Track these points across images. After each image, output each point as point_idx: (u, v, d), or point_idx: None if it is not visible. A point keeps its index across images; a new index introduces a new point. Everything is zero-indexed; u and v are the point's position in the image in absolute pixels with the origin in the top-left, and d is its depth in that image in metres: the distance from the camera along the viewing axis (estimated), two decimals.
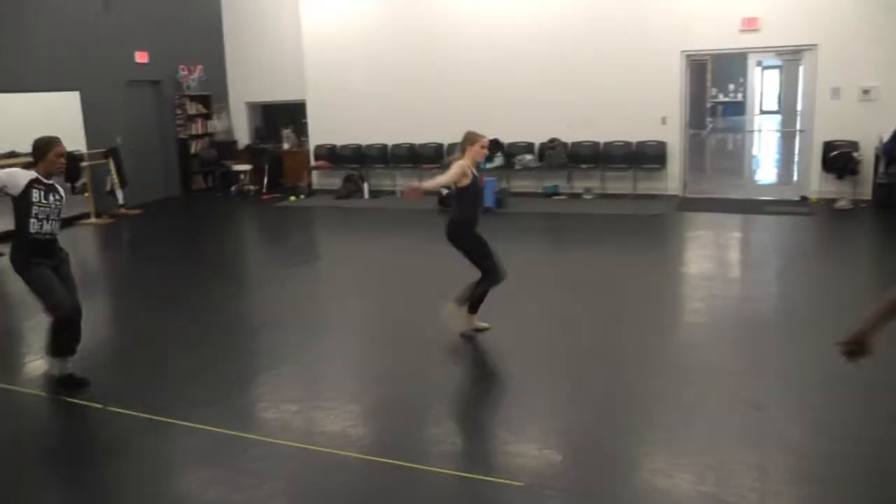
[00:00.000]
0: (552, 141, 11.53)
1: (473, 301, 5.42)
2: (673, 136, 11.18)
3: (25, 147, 10.51)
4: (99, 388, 4.84)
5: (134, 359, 5.56)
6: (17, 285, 8.25)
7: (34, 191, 4.65)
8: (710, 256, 8.33)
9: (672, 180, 11.32)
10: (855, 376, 4.25)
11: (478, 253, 5.36)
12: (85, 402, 4.66)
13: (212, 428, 4.18)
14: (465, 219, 5.41)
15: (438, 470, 3.60)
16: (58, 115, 10.98)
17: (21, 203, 4.65)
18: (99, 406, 4.59)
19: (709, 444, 3.52)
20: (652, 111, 11.06)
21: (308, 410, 4.43)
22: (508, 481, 3.40)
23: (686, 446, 3.77)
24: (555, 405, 4.42)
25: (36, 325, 6.72)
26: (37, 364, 5.70)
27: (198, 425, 4.22)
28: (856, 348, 2.69)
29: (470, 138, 5.40)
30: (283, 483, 3.60)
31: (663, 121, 11.08)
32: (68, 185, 10.99)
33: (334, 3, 12.78)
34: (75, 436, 4.38)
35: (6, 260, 5.02)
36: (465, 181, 5.30)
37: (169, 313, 6.58)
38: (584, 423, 4.14)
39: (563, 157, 11.46)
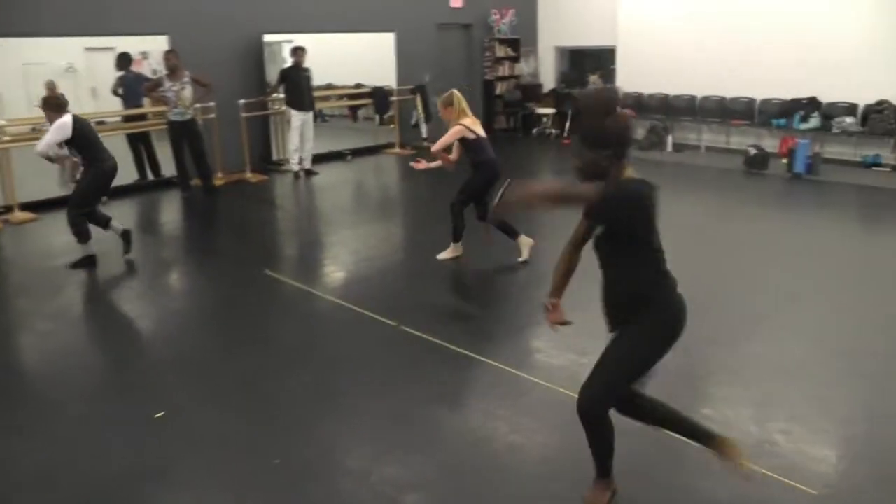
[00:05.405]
0: (880, 103, 10.16)
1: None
2: None
3: (342, 81, 11.71)
4: (393, 306, 5.32)
5: (427, 283, 5.98)
6: (329, 202, 9.25)
7: None
8: None
9: None
10: None
11: None
12: (380, 317, 5.13)
13: (494, 363, 4.40)
14: None
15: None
16: (373, 53, 11.93)
17: None
18: (393, 324, 5.02)
19: None
20: None
21: (592, 364, 4.40)
22: (801, 486, 3.13)
23: None
24: (852, 411, 3.91)
25: (339, 240, 7.51)
26: (338, 274, 6.37)
27: (483, 359, 4.45)
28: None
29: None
30: (562, 433, 3.65)
31: None
32: (376, 116, 12.02)
33: None
34: (373, 347, 4.79)
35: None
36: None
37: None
38: (888, 435, 3.63)
39: (891, 122, 10.06)
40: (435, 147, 6.12)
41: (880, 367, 4.40)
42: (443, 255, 6.41)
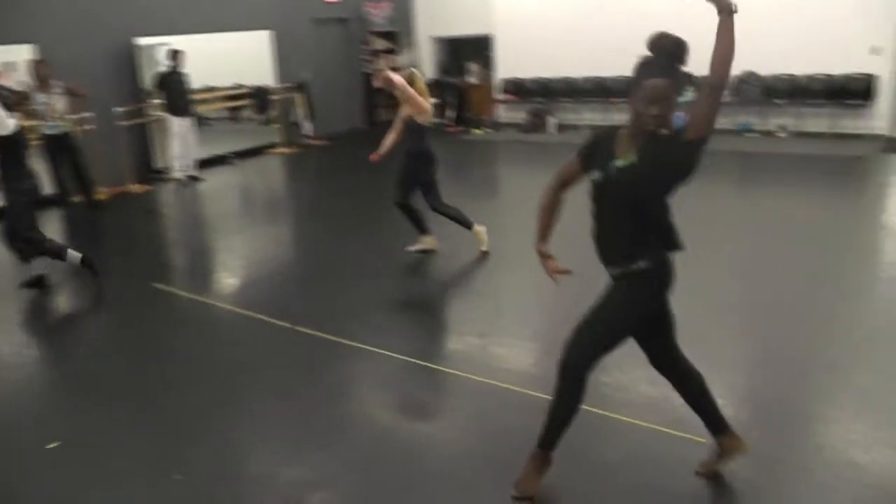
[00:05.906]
0: (749, 75, 10.78)
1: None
2: (886, 69, 10.10)
3: (221, 82, 11.41)
4: (287, 308, 5.25)
5: (318, 282, 5.94)
6: (216, 208, 9.04)
7: None
8: None
9: (879, 119, 10.27)
10: None
11: None
12: (275, 320, 5.06)
13: (394, 354, 4.41)
14: None
15: (616, 416, 3.59)
16: (251, 52, 11.67)
17: None
18: (288, 325, 4.97)
19: None
20: (860, 39, 10.04)
21: (491, 346, 4.52)
22: (691, 436, 3.32)
23: (888, 416, 3.50)
24: (735, 360, 4.23)
25: (228, 246, 7.37)
26: (230, 281, 6.25)
27: (382, 351, 4.46)
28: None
29: None
30: (467, 417, 3.74)
31: (875, 51, 10.01)
32: (258, 116, 11.82)
33: None
34: (270, 350, 4.72)
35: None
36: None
37: (349, 241, 6.90)
38: (767, 381, 3.93)
39: (757, 91, 10.71)
40: (396, 79, 5.94)
41: (761, 317, 4.73)
42: (414, 247, 6.26)
